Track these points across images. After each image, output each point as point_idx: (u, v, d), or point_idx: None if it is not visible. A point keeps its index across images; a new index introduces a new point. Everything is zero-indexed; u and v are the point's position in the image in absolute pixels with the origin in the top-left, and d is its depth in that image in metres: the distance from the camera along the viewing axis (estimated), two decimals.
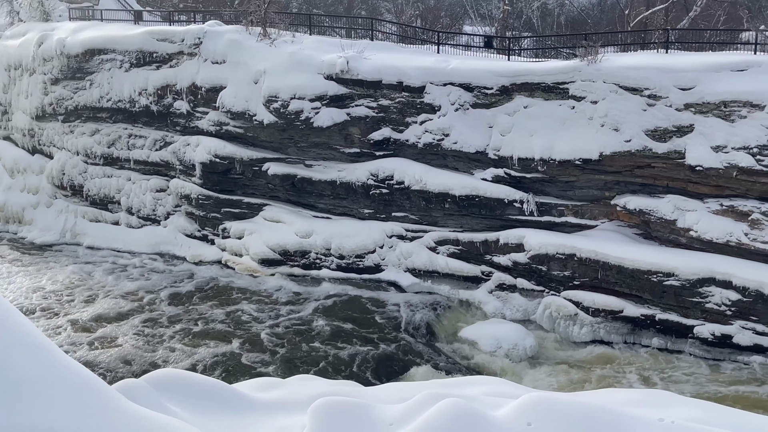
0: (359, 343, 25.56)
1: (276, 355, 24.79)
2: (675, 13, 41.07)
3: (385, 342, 25.69)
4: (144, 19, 44.87)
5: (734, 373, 24.18)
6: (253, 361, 24.45)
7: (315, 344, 25.45)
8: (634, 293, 26.42)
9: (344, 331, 26.38)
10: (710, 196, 26.23)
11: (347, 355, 24.78)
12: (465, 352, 25.84)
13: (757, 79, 25.50)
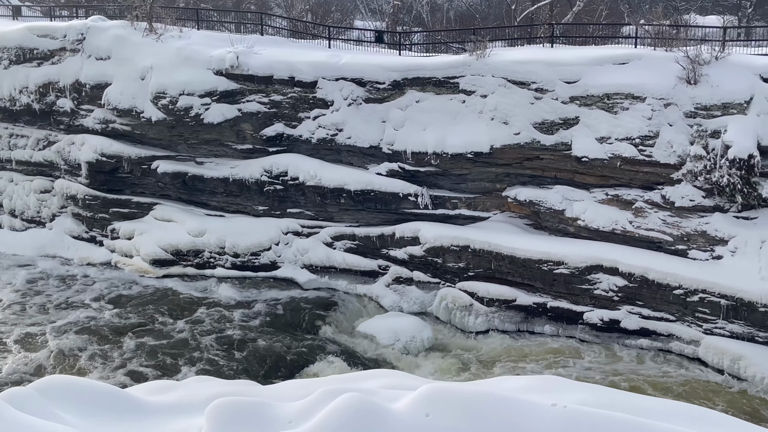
0: (255, 341, 25.29)
1: (173, 357, 24.25)
2: (559, 8, 42.18)
3: (282, 339, 25.50)
4: (23, 15, 43.13)
5: (623, 356, 25.04)
6: (147, 364, 23.87)
7: (210, 344, 25.03)
8: (526, 282, 27.05)
9: (240, 330, 26.04)
10: (596, 186, 27.06)
11: (244, 354, 24.48)
12: (363, 346, 25.91)
13: (638, 71, 26.43)
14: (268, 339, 25.47)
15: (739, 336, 24.06)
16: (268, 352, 24.63)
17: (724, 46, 27.53)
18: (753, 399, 22.40)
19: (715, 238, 25.12)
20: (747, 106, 25.00)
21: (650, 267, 25.15)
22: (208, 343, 25.07)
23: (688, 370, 24.12)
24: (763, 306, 23.55)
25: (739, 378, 23.23)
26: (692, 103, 25.43)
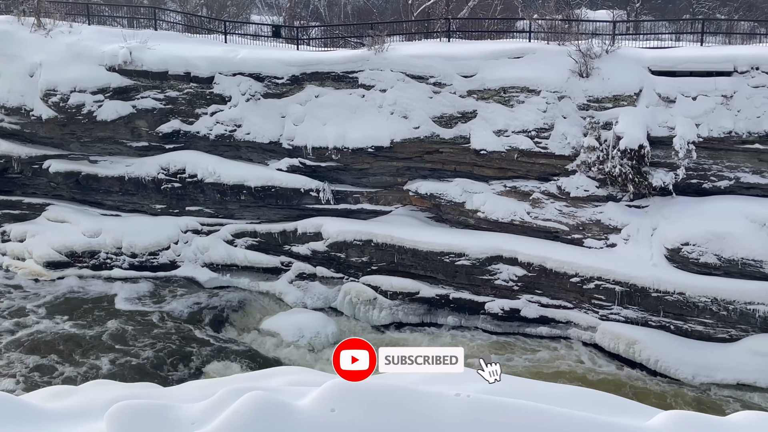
0: (155, 342, 24.74)
1: (67, 362, 23.49)
2: (455, 3, 42.63)
3: (183, 340, 25.02)
4: None
5: (525, 345, 25.56)
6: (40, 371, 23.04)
7: (108, 347, 24.36)
8: (429, 275, 27.31)
9: (139, 332, 25.42)
10: (495, 178, 27.52)
11: (144, 356, 23.92)
12: (268, 343, 25.68)
13: (533, 65, 26.99)
14: (169, 340, 24.94)
15: (633, 321, 24.87)
16: (168, 354, 24.12)
17: (614, 40, 28.37)
18: (650, 382, 23.18)
19: (609, 227, 25.89)
20: (636, 98, 25.84)
21: (548, 256, 25.75)
22: (106, 347, 24.38)
23: (586, 355, 24.77)
24: (655, 291, 24.41)
25: (634, 361, 24.02)
26: (585, 95, 26.13)
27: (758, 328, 23.69)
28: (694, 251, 24.27)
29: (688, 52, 27.29)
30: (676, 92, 25.71)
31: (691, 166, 25.52)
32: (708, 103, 25.40)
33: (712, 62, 25.87)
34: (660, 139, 25.37)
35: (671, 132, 25.28)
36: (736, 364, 22.90)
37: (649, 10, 44.14)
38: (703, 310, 24.07)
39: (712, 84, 25.52)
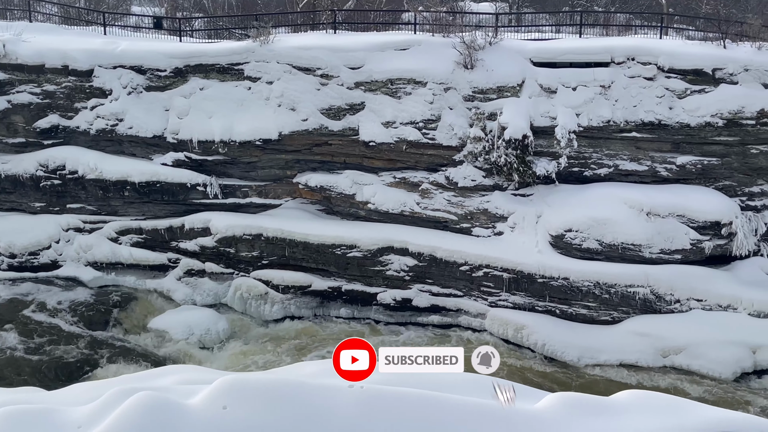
0: (39, 345, 23.84)
1: None
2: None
3: (68, 341, 24.19)
4: None
5: (416, 333, 25.82)
6: None
7: None
8: (320, 267, 27.25)
9: (20, 335, 24.42)
10: (384, 169, 27.67)
11: (26, 359, 23.01)
12: (156, 342, 25.12)
13: (419, 57, 27.24)
14: (53, 342, 24.07)
15: (521, 306, 25.48)
16: (52, 356, 23.29)
17: (497, 32, 28.93)
18: (539, 365, 23.78)
19: (495, 215, 26.43)
20: (519, 88, 26.43)
21: (438, 246, 26.08)
22: None
23: (477, 342, 25.20)
24: (541, 277, 25.07)
25: (522, 346, 24.61)
26: (470, 87, 26.56)
27: (638, 309, 24.67)
28: (577, 237, 25.05)
29: (567, 43, 28.09)
30: (557, 83, 26.43)
31: (573, 154, 26.29)
32: (587, 93, 26.22)
33: (591, 53, 26.72)
34: (543, 128, 26.03)
35: (553, 122, 25.98)
36: (619, 345, 23.77)
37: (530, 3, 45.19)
38: (587, 294, 24.88)
39: (591, 75, 26.35)
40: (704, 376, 22.84)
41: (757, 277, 25.54)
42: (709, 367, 22.92)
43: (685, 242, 24.93)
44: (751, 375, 22.99)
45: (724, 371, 22.81)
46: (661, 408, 9.27)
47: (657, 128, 25.99)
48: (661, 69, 26.10)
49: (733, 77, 25.71)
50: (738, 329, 23.54)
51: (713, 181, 26.39)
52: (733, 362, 22.87)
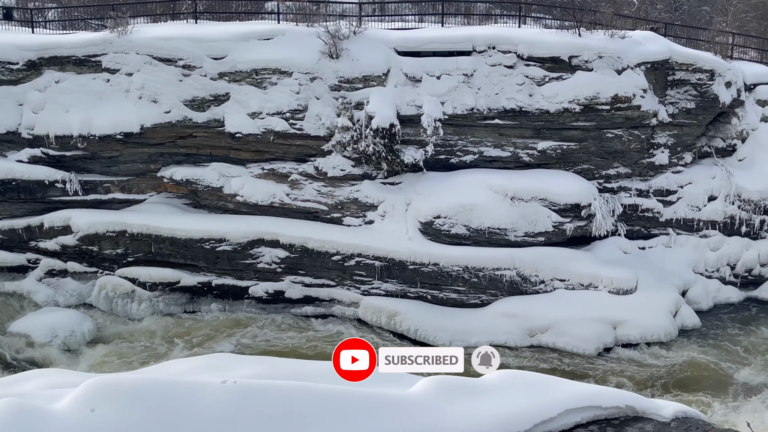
0: None
1: None
2: None
3: None
4: None
5: (289, 325, 25.68)
6: None
7: None
8: (189, 263, 26.69)
9: None
10: (252, 161, 27.33)
11: None
12: (18, 346, 23.98)
13: (283, 46, 27.01)
14: None
15: (393, 294, 25.77)
16: None
17: (361, 22, 29.02)
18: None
19: (366, 204, 26.58)
20: (385, 78, 26.62)
21: (309, 237, 26.02)
22: None
23: (351, 330, 25.30)
24: (412, 264, 25.42)
25: (395, 333, 24.89)
26: (336, 76, 26.54)
27: (506, 291, 25.39)
28: (446, 223, 25.52)
29: (430, 32, 28.47)
30: (421, 72, 26.77)
31: (439, 142, 26.72)
32: (451, 82, 26.68)
33: (453, 42, 27.19)
34: (409, 117, 26.33)
35: (419, 110, 26.32)
36: (488, 327, 24.39)
37: None
38: (456, 279, 25.40)
39: (454, 63, 26.83)
40: (569, 352, 23.73)
41: (615, 255, 26.77)
42: (574, 343, 23.83)
43: (547, 225, 25.81)
44: (612, 349, 24.04)
45: (588, 347, 23.77)
46: (530, 386, 9.57)
47: (518, 115, 26.74)
48: (520, 57, 26.84)
49: (588, 64, 26.71)
50: (599, 306, 24.59)
51: (572, 165, 27.42)
52: (595, 338, 23.85)
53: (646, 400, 10.47)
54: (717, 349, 24.24)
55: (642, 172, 28.33)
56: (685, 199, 28.54)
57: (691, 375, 22.57)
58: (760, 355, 23.78)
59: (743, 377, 22.36)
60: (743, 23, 41.26)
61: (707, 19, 42.74)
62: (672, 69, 28.01)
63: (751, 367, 23.04)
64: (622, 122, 27.09)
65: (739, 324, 26.17)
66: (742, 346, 24.40)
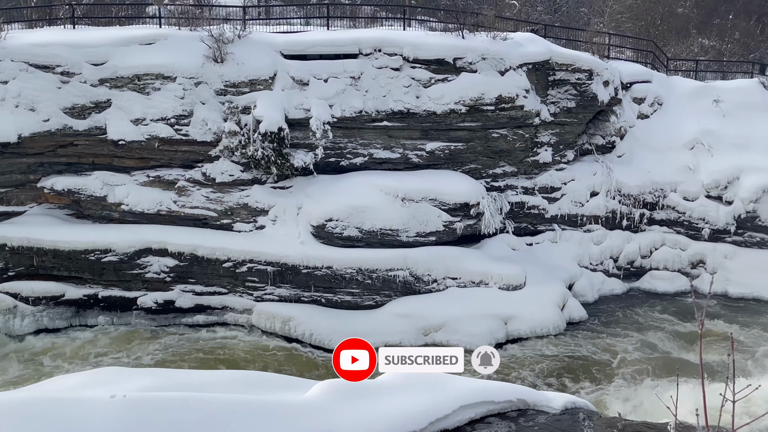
0: None
1: None
2: None
3: None
4: None
5: (182, 335, 25.16)
6: None
7: None
8: (74, 275, 25.82)
9: None
10: (137, 168, 26.67)
11: None
12: None
13: (166, 51, 26.44)
14: None
15: (287, 299, 25.60)
16: None
17: (246, 25, 28.73)
18: (304, 355, 23.96)
19: (256, 210, 26.32)
20: (272, 81, 26.43)
21: (199, 244, 25.58)
22: None
23: (245, 338, 25.00)
24: (305, 268, 25.31)
25: (290, 338, 24.71)
26: (221, 80, 26.18)
27: (400, 292, 25.57)
28: (338, 226, 25.52)
29: (316, 36, 28.44)
30: (308, 75, 26.70)
31: (329, 145, 26.72)
32: (339, 85, 26.71)
33: (339, 45, 27.23)
34: (298, 121, 26.22)
35: (307, 114, 26.24)
36: (383, 328, 24.49)
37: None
38: (350, 281, 25.43)
39: (341, 66, 26.87)
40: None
41: (504, 252, 27.34)
42: (467, 340, 24.11)
43: (438, 224, 26.14)
44: (504, 345, 24.52)
45: (480, 343, 24.03)
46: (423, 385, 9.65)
47: (406, 116, 26.99)
48: (406, 59, 27.10)
49: (473, 66, 27.19)
50: (490, 303, 25.06)
51: (460, 165, 27.87)
52: (487, 334, 24.27)
53: (537, 392, 10.72)
54: (602, 340, 25.05)
55: (527, 170, 29.04)
56: (569, 195, 29.41)
57: (579, 365, 23.26)
58: (641, 344, 24.69)
59: (626, 366, 23.18)
60: (619, 24, 42.87)
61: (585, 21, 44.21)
62: (552, 69, 28.82)
63: (632, 356, 23.90)
64: (507, 122, 27.70)
65: (622, 315, 27.11)
66: (625, 336, 25.29)
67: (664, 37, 43.45)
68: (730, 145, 30.60)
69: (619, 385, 22.08)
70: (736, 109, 31.74)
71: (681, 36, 45.26)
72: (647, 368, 22.89)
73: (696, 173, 30.07)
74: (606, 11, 44.76)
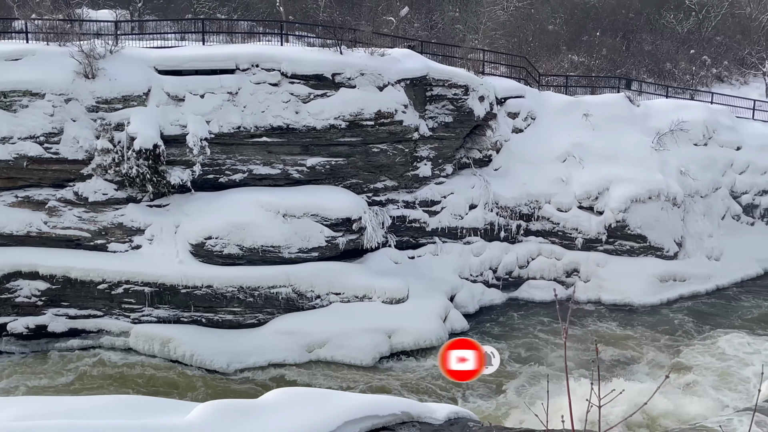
0: None
1: None
2: None
3: None
4: None
5: (55, 361, 24.13)
6: None
7: None
8: None
9: None
10: (4, 189, 25.56)
11: None
12: None
13: (34, 67, 25.42)
14: None
15: (166, 320, 24.96)
16: None
17: (118, 40, 27.95)
18: (186, 376, 23.39)
19: (132, 229, 25.58)
20: (146, 97, 25.79)
21: (71, 266, 24.67)
22: None
23: (123, 361, 24.19)
24: (184, 288, 24.76)
25: (171, 359, 24.07)
26: (93, 97, 25.37)
27: (283, 309, 25.34)
28: (218, 244, 25.09)
29: (192, 51, 27.95)
30: (184, 91, 26.20)
31: (207, 162, 26.27)
32: (216, 100, 26.33)
33: (216, 60, 26.84)
34: (174, 137, 25.68)
35: (184, 130, 25.75)
36: (266, 346, 24.23)
37: (152, 10, 44.31)
38: (232, 300, 25.03)
39: (218, 82, 26.50)
40: (347, 365, 24.05)
41: (386, 266, 27.50)
42: (351, 355, 24.19)
43: (320, 240, 26.06)
44: (388, 358, 24.62)
45: (365, 358, 24.20)
46: (308, 402, 9.56)
47: (286, 132, 26.84)
48: (284, 75, 26.95)
49: (351, 81, 27.31)
50: (374, 317, 25.14)
51: (342, 180, 27.90)
52: (372, 348, 24.34)
53: (421, 404, 10.79)
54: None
55: (408, 184, 29.33)
56: (449, 208, 29.86)
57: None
58: (519, 353, 25.25)
59: (506, 375, 23.66)
60: (493, 40, 43.92)
61: (461, 37, 45.06)
62: (430, 85, 29.25)
63: (512, 365, 24.42)
64: (387, 137, 27.93)
65: (501, 324, 27.67)
66: (505, 346, 25.80)
67: (536, 54, 44.78)
68: (600, 157, 31.78)
69: (499, 393, 22.51)
70: (604, 122, 33.01)
71: (552, 52, 46.74)
72: (523, 376, 23.44)
73: (569, 185, 31.05)
74: (480, 28, 45.78)
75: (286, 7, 41.43)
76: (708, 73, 50.04)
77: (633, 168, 31.26)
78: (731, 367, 24.11)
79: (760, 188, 34.72)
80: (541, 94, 34.50)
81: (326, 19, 35.90)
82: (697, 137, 33.88)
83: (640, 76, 46.71)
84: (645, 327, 27.43)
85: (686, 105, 35.77)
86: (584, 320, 27.83)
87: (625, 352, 25.44)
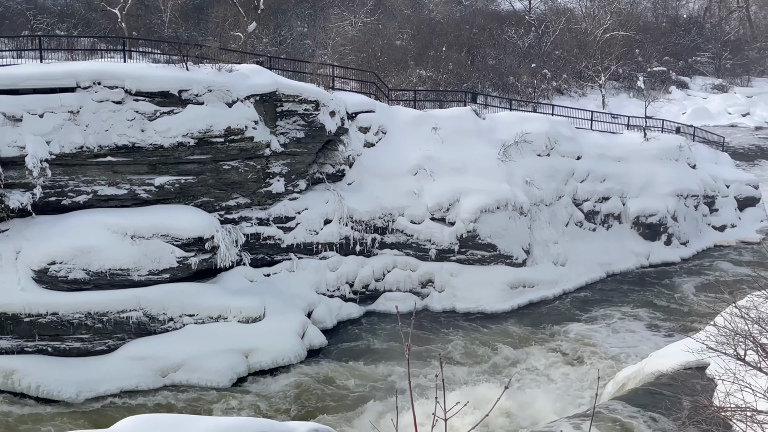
0: None
1: None
2: None
3: None
4: None
5: None
6: None
7: None
8: None
9: None
10: None
11: None
12: None
13: None
14: None
15: (9, 351, 23.66)
16: None
17: None
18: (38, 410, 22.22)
19: None
20: None
21: None
22: None
23: None
24: (27, 316, 23.58)
25: (16, 392, 22.82)
26: None
27: (134, 333, 24.53)
28: (62, 269, 24.03)
29: (29, 69, 26.63)
30: (21, 110, 24.97)
31: (48, 184, 25.16)
32: (56, 120, 25.24)
33: (55, 79, 25.72)
34: (12, 159, 24.47)
35: (23, 151, 24.57)
36: (117, 373, 23.38)
37: None
38: (79, 327, 24.02)
39: (58, 100, 25.41)
40: (203, 387, 23.50)
41: (242, 285, 27.11)
42: (208, 378, 23.66)
43: (171, 261, 25.41)
44: (246, 378, 24.23)
45: (222, 379, 23.73)
46: (162, 428, 9.26)
47: (132, 151, 26.05)
48: (128, 92, 26.16)
49: (199, 98, 26.81)
50: (230, 337, 24.72)
51: (192, 199, 27.33)
52: (228, 369, 23.90)
53: (280, 424, 10.65)
54: (341, 365, 25.46)
55: (261, 201, 29.03)
56: (303, 224, 29.74)
57: (321, 392, 23.50)
58: (375, 368, 25.38)
59: (364, 390, 23.76)
60: (342, 56, 44.31)
61: (310, 53, 45.23)
62: (280, 101, 29.09)
63: (368, 381, 24.54)
64: (237, 153, 27.57)
65: (359, 338, 27.75)
66: (362, 361, 25.89)
67: (385, 69, 45.48)
68: (450, 169, 32.48)
69: (357, 408, 22.55)
70: (452, 135, 33.78)
71: (400, 67, 47.59)
72: (380, 391, 23.61)
73: (421, 197, 31.57)
74: (329, 43, 46.05)
75: (128, 24, 40.32)
76: (549, 86, 52.29)
77: (481, 179, 32.11)
78: (576, 368, 25.18)
79: (600, 195, 36.36)
80: (391, 109, 34.97)
81: (171, 35, 35.13)
82: (540, 148, 35.18)
83: (485, 89, 48.29)
84: (496, 333, 28.20)
85: (529, 117, 37.07)
86: (438, 330, 28.31)
87: (475, 359, 26.07)
